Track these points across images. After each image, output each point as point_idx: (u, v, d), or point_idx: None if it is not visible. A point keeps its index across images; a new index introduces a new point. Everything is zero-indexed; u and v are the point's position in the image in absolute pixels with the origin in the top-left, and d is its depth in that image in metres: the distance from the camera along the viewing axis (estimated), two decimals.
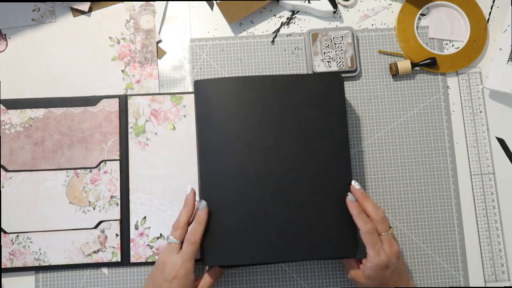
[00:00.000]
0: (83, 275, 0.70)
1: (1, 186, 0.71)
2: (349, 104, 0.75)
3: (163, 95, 0.73)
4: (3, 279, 0.70)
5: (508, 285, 0.71)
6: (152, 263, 0.70)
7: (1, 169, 0.71)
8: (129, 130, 0.72)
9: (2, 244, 0.69)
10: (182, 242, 0.63)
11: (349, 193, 0.64)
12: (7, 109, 0.72)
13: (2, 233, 0.70)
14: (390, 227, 0.63)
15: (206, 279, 0.65)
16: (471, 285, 0.71)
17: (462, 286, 0.71)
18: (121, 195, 0.71)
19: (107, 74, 0.75)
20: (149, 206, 0.71)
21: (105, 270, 0.70)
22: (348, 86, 0.75)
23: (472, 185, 0.74)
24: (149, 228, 0.70)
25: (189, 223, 0.64)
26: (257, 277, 0.71)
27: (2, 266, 0.69)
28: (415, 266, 0.71)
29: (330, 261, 0.71)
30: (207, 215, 0.63)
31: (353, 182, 0.65)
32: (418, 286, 0.71)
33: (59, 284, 0.70)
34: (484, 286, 0.71)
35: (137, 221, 0.70)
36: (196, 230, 0.63)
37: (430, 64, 0.74)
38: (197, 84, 0.67)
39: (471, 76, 0.76)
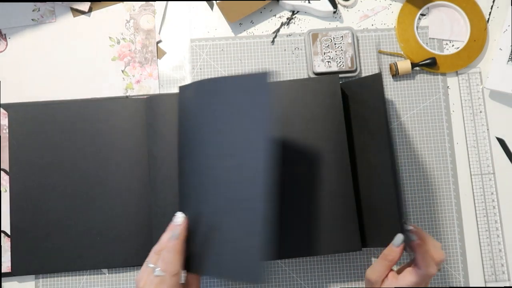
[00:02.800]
0: (83, 275, 0.70)
1: (3, 189, 0.71)
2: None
3: None
4: (3, 283, 0.70)
5: (508, 285, 0.71)
6: None
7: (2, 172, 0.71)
8: None
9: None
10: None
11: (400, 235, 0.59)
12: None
13: (5, 236, 0.70)
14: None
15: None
16: (471, 285, 0.71)
17: (462, 286, 0.71)
18: None
19: (107, 74, 0.75)
20: None
21: (105, 271, 0.70)
22: None
23: (472, 185, 0.74)
24: None
25: None
26: None
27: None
28: None
29: (330, 261, 0.71)
30: (180, 245, 0.58)
31: (397, 238, 0.59)
32: None
33: (59, 285, 0.70)
34: (484, 286, 0.71)
35: None
36: (168, 245, 0.57)
37: (430, 64, 0.74)
38: (183, 89, 0.67)
39: (471, 76, 0.76)
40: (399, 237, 0.58)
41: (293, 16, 0.77)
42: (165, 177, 0.68)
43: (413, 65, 0.74)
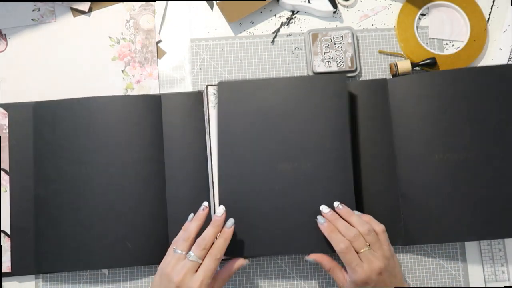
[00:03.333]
0: (83, 275, 0.70)
1: (3, 189, 0.71)
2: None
3: None
4: (3, 283, 0.70)
5: (508, 285, 0.71)
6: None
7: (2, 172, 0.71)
8: None
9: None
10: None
11: (318, 216, 0.64)
12: None
13: (5, 236, 0.70)
14: (368, 244, 0.61)
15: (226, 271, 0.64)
16: (471, 285, 0.71)
17: (462, 286, 0.71)
18: None
19: (107, 74, 0.75)
20: None
21: (105, 271, 0.70)
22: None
23: None
24: None
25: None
26: (256, 276, 0.71)
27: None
28: (415, 266, 0.71)
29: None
30: (232, 233, 0.62)
31: (321, 207, 0.65)
32: (419, 286, 0.71)
33: (59, 285, 0.70)
34: (484, 286, 0.71)
35: None
36: (222, 247, 0.60)
37: (430, 64, 0.74)
38: (221, 85, 0.68)
39: None
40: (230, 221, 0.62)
41: (293, 16, 0.77)
42: (180, 174, 0.70)
43: (413, 65, 0.74)
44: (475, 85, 0.70)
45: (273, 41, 0.76)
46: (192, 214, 0.66)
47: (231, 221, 0.62)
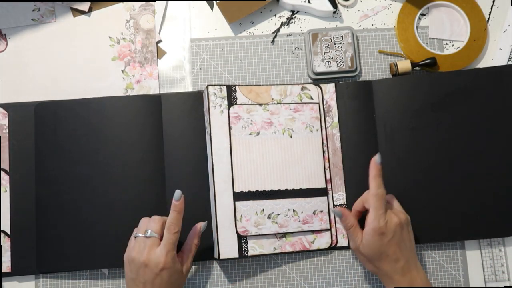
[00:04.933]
0: (83, 275, 0.70)
1: (3, 189, 0.71)
2: None
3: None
4: (3, 283, 0.70)
5: (508, 285, 0.71)
6: None
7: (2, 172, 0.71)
8: None
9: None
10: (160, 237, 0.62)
11: (378, 154, 0.65)
12: None
13: (5, 236, 0.70)
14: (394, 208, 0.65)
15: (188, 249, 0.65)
16: (471, 285, 0.71)
17: (462, 286, 0.71)
18: None
19: (107, 74, 0.75)
20: None
21: (105, 271, 0.70)
22: None
23: None
24: None
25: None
26: (256, 276, 0.71)
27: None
28: None
29: (330, 261, 0.71)
30: (183, 205, 0.63)
31: (377, 156, 0.65)
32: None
33: (59, 285, 0.70)
34: (484, 286, 0.71)
35: None
36: (176, 219, 0.62)
37: (430, 64, 0.74)
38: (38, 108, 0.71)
39: None
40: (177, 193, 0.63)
41: (293, 16, 0.77)
42: (180, 174, 0.70)
43: (413, 65, 0.74)
44: (462, 86, 0.72)
45: (273, 41, 0.76)
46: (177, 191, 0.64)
47: (178, 193, 0.62)
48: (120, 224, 0.68)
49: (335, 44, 0.74)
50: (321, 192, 0.70)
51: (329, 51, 0.74)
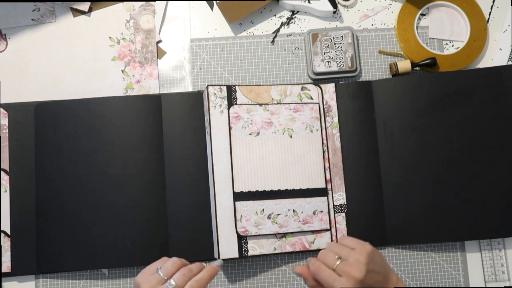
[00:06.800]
0: (83, 275, 0.70)
1: (3, 189, 0.71)
2: None
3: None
4: (3, 283, 0.70)
5: (508, 285, 0.71)
6: None
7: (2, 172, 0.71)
8: None
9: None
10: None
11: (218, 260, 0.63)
12: None
13: (5, 236, 0.70)
14: (339, 257, 0.59)
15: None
16: (471, 285, 0.71)
17: (462, 286, 0.71)
18: None
19: (107, 74, 0.75)
20: None
21: (105, 271, 0.70)
22: None
23: None
24: None
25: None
26: (256, 276, 0.71)
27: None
28: (415, 266, 0.71)
29: None
30: (217, 273, 0.60)
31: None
32: (419, 286, 0.71)
33: (59, 285, 0.70)
34: (484, 286, 0.71)
35: None
36: (206, 280, 0.57)
37: (430, 64, 0.74)
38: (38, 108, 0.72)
39: None
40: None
41: (293, 16, 0.77)
42: (180, 174, 0.70)
43: (413, 65, 0.74)
44: (464, 86, 0.72)
45: (273, 41, 0.76)
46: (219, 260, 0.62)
47: (220, 262, 0.60)
48: (120, 223, 0.69)
49: (335, 44, 0.74)
50: (321, 192, 0.70)
51: (329, 51, 0.74)
